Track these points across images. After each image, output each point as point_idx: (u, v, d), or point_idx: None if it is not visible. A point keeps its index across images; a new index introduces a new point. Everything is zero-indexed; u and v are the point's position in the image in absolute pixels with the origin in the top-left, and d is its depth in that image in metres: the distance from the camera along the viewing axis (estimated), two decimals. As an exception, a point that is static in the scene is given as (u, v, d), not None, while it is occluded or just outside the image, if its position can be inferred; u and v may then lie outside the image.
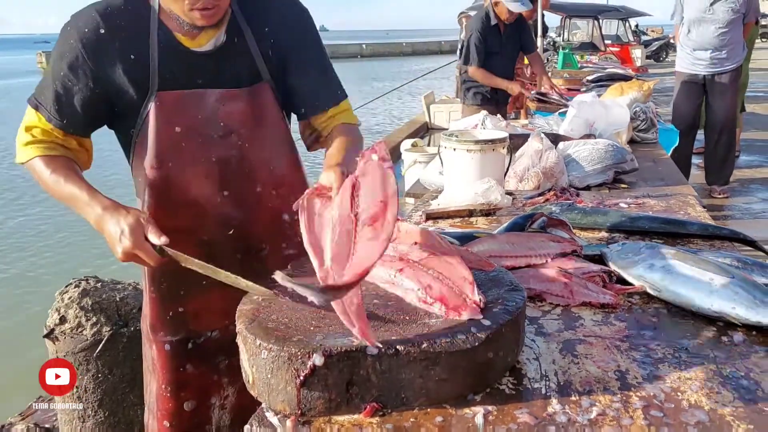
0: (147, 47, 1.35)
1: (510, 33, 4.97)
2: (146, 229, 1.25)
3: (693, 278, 1.31)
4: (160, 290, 1.46)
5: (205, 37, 1.39)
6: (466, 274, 1.11)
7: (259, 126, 1.46)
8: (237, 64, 1.42)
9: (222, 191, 1.44)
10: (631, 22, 18.18)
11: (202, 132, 1.40)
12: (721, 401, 0.99)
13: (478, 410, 0.98)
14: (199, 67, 1.39)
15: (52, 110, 1.36)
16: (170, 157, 1.39)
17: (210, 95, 1.40)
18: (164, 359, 1.49)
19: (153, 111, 1.36)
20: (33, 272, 5.87)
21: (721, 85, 5.22)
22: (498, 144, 2.26)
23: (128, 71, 1.35)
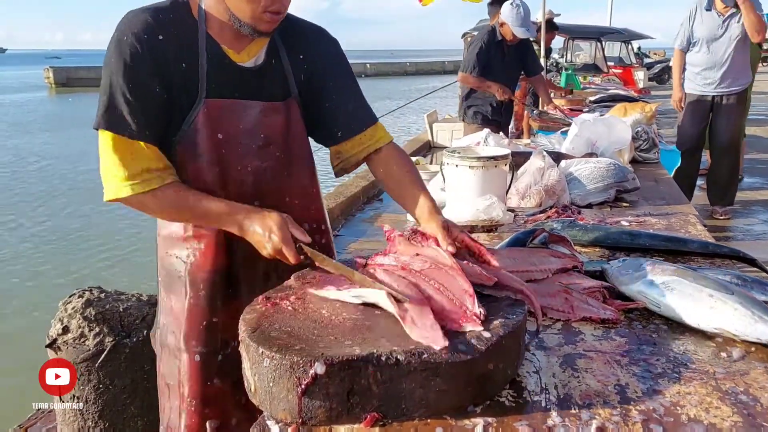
0: (197, 56, 1.39)
1: (513, 52, 5.02)
2: (290, 227, 1.34)
3: (693, 294, 1.32)
4: (199, 298, 1.48)
5: (247, 54, 1.46)
6: (467, 287, 1.13)
7: (291, 139, 1.53)
8: (273, 82, 1.49)
9: (253, 201, 1.48)
10: (633, 44, 18.32)
11: (242, 141, 1.46)
12: (720, 416, 1.00)
13: (478, 422, 0.99)
14: (242, 81, 1.45)
15: (133, 125, 1.33)
16: (212, 162, 1.43)
17: (254, 106, 1.46)
18: (195, 371, 1.49)
19: (200, 117, 1.40)
20: (37, 282, 5.88)
21: (727, 107, 5.26)
22: (500, 161, 2.28)
23: (180, 78, 1.38)
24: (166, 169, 1.38)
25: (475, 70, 4.87)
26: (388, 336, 1.05)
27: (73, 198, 9.03)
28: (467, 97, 5.21)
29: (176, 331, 1.51)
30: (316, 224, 1.61)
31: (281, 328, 1.08)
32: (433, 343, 1.00)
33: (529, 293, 1.18)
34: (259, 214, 1.35)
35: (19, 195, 9.41)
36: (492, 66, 4.90)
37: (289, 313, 1.15)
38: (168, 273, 1.52)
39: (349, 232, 6.34)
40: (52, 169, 11.04)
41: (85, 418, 2.07)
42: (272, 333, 1.07)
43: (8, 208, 8.59)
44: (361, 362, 0.97)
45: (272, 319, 1.12)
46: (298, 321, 1.11)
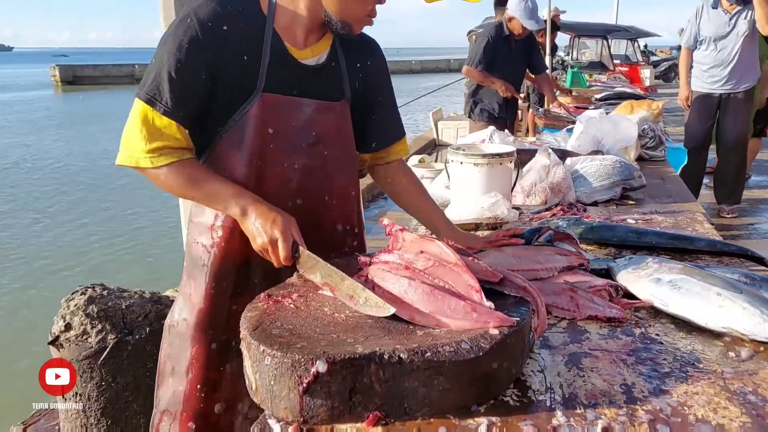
0: (260, 50, 1.41)
1: (519, 49, 4.99)
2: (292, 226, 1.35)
3: (701, 293, 1.30)
4: (221, 288, 1.49)
5: (312, 52, 1.48)
6: (473, 282, 1.11)
7: (341, 139, 1.55)
8: (330, 82, 1.52)
9: (295, 198, 1.49)
10: (640, 42, 18.24)
11: (292, 138, 1.47)
12: (728, 416, 0.98)
13: (482, 421, 0.97)
14: (301, 78, 1.47)
15: (170, 104, 1.35)
16: (259, 156, 1.44)
17: (308, 105, 1.48)
18: (206, 358, 1.50)
19: (255, 110, 1.41)
20: (40, 279, 5.90)
21: (735, 105, 5.23)
22: (505, 158, 2.27)
23: (239, 69, 1.39)
24: (187, 149, 1.42)
25: (480, 65, 4.84)
26: (391, 334, 1.03)
27: (77, 196, 9.06)
28: (474, 94, 5.19)
29: (189, 318, 1.51)
30: (350, 226, 1.63)
31: (283, 326, 1.07)
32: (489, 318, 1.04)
33: (532, 290, 1.16)
34: (266, 205, 1.37)
35: (24, 192, 9.44)
36: (498, 61, 4.87)
37: (291, 311, 1.14)
38: (192, 260, 1.53)
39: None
40: (58, 167, 11.08)
41: (87, 416, 2.06)
42: (274, 331, 1.05)
43: (13, 204, 8.63)
44: (363, 361, 0.95)
45: (274, 316, 1.11)
46: (300, 319, 1.10)
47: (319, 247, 1.50)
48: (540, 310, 1.16)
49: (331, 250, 1.55)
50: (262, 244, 1.35)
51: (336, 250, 1.57)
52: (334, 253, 1.55)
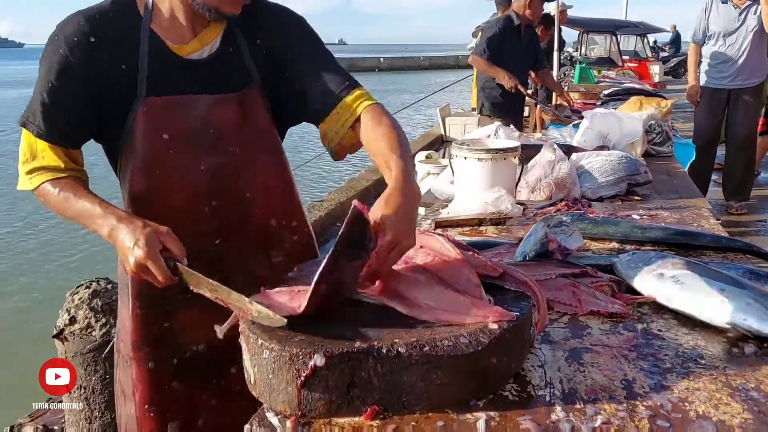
0: (137, 55, 1.33)
1: (527, 42, 4.99)
2: (166, 241, 1.21)
3: (704, 288, 1.29)
4: (145, 306, 1.41)
5: (197, 44, 1.39)
6: (472, 277, 1.11)
7: (249, 132, 1.43)
8: (228, 72, 1.41)
9: (210, 201, 1.41)
10: (649, 38, 18.13)
11: (191, 140, 1.38)
12: (729, 412, 0.97)
13: (481, 416, 0.97)
14: (189, 75, 1.38)
15: (43, 126, 1.33)
16: (157, 165, 1.37)
17: (200, 101, 1.38)
18: (146, 379, 1.44)
19: (141, 117, 1.34)
20: (45, 272, 5.93)
21: (744, 101, 5.19)
22: (509, 153, 2.26)
23: (118, 79, 1.33)
24: (66, 169, 1.37)
25: (485, 54, 4.82)
26: (390, 328, 1.03)
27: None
28: (484, 89, 5.16)
29: (126, 340, 1.46)
30: (286, 221, 1.52)
31: (281, 320, 1.07)
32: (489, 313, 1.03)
33: (532, 285, 1.15)
34: (128, 224, 1.22)
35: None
36: (506, 53, 4.84)
37: (290, 305, 1.13)
38: (120, 278, 1.49)
39: (360, 226, 6.31)
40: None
41: (92, 408, 2.07)
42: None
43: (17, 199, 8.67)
44: (361, 354, 0.95)
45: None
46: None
47: (254, 247, 1.46)
48: (541, 305, 1.15)
49: (270, 247, 1.49)
50: (131, 270, 1.22)
51: (276, 247, 1.49)
52: (274, 251, 1.49)
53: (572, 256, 1.59)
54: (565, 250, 1.56)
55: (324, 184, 9.52)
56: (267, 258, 1.49)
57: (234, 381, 1.37)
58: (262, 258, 1.49)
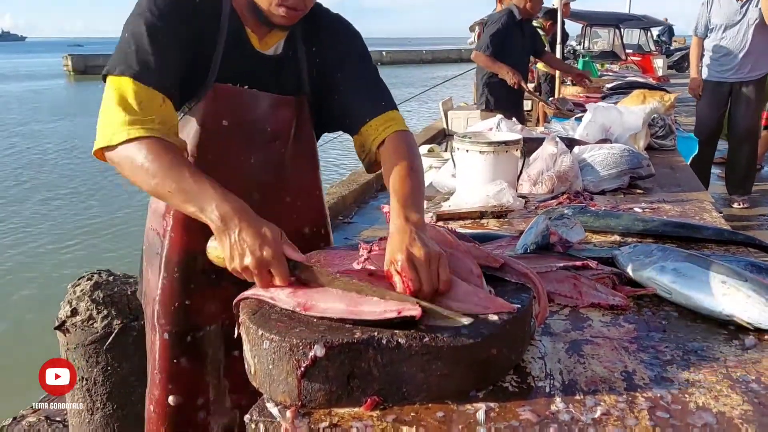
0: (216, 35, 1.33)
1: (528, 35, 5.00)
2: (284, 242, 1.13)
3: (705, 281, 1.29)
4: (173, 280, 1.45)
5: (270, 41, 1.41)
6: (474, 268, 1.11)
7: (298, 136, 1.48)
8: (287, 75, 1.44)
9: (251, 194, 1.40)
10: (653, 31, 18.05)
11: (248, 132, 1.41)
12: (729, 404, 0.97)
13: (480, 406, 0.97)
14: (259, 69, 1.40)
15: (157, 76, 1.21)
16: (211, 150, 1.38)
17: (264, 98, 1.41)
18: (163, 348, 1.48)
19: (206, 100, 1.35)
20: (46, 264, 5.95)
21: (746, 94, 5.18)
22: (511, 146, 2.25)
23: (195, 56, 1.31)
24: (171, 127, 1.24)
25: (488, 50, 4.81)
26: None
27: (83, 183, 9.10)
28: (488, 85, 5.15)
29: (150, 305, 1.49)
30: (317, 228, 1.57)
31: (282, 311, 1.07)
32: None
33: (533, 277, 1.15)
34: (254, 219, 1.13)
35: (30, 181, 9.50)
36: (509, 48, 4.84)
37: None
38: (150, 245, 1.50)
39: (362, 219, 6.33)
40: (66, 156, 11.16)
41: (94, 400, 2.08)
42: (273, 315, 1.05)
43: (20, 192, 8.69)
44: (361, 345, 0.95)
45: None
46: (299, 303, 1.10)
47: None
48: (541, 296, 1.15)
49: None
50: (247, 266, 1.10)
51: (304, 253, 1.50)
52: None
53: (573, 249, 1.59)
54: (566, 243, 1.56)
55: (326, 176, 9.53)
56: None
57: (236, 364, 1.39)
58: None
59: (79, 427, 2.14)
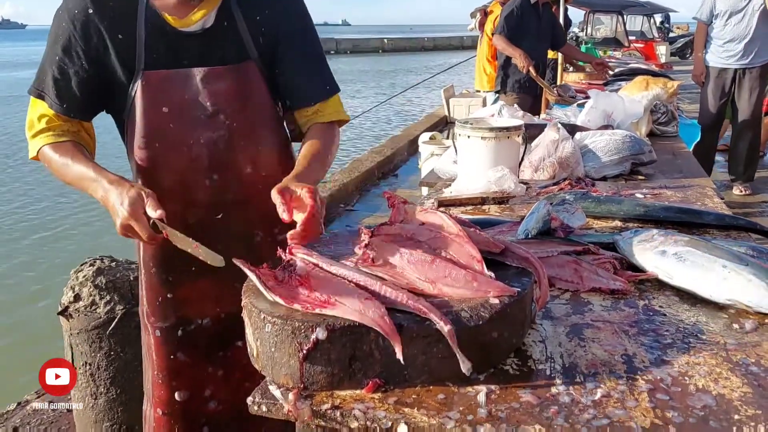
0: (134, 27, 1.35)
1: (546, 20, 4.97)
2: (146, 203, 1.24)
3: (706, 265, 1.29)
4: (150, 275, 1.47)
5: (192, 18, 1.39)
6: (474, 253, 1.11)
7: (247, 105, 1.44)
8: (224, 45, 1.42)
9: (211, 174, 1.42)
10: (656, 18, 17.93)
11: (189, 113, 1.39)
12: (729, 387, 0.98)
13: (481, 389, 0.98)
14: (186, 48, 1.39)
15: (53, 96, 1.36)
16: (157, 138, 1.39)
17: (196, 74, 1.39)
18: (157, 345, 1.49)
19: (140, 91, 1.36)
20: (49, 250, 5.96)
21: (750, 81, 5.17)
22: (513, 132, 2.25)
23: (117, 51, 1.35)
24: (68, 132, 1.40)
25: (503, 32, 4.79)
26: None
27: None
28: (503, 67, 5.11)
29: (141, 306, 1.52)
30: None
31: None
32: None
33: (534, 261, 1.15)
34: (117, 187, 1.27)
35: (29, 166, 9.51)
36: (525, 31, 4.82)
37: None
38: (136, 246, 1.52)
39: (363, 207, 6.33)
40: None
41: (97, 385, 2.10)
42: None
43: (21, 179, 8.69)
44: (363, 328, 0.96)
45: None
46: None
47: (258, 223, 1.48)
48: (542, 281, 1.15)
49: (273, 224, 1.47)
50: (121, 232, 1.26)
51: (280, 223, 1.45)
52: (277, 228, 1.49)
53: (574, 234, 1.59)
54: (567, 228, 1.56)
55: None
56: (271, 235, 1.50)
57: (241, 354, 1.39)
58: (265, 235, 1.49)
59: (83, 412, 2.16)
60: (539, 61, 4.99)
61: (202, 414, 1.54)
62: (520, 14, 4.79)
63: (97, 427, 2.15)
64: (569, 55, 5.93)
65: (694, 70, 5.50)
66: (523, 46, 4.78)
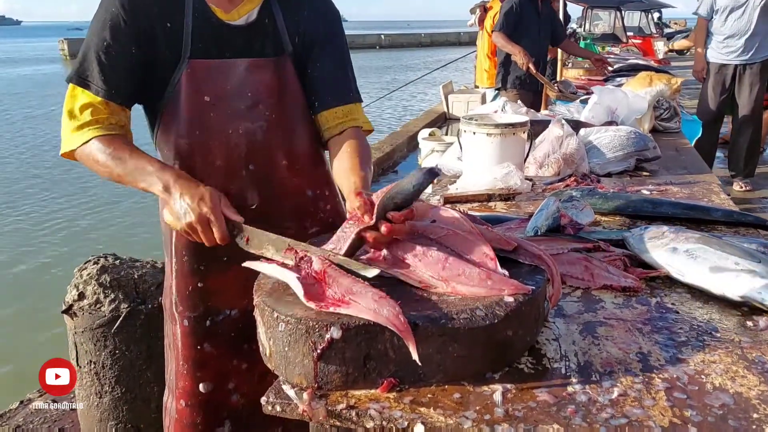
0: (182, 15, 1.36)
1: (545, 16, 4.95)
2: (226, 203, 1.25)
3: (718, 262, 1.28)
4: (182, 263, 1.47)
5: (237, 13, 1.42)
6: (487, 250, 1.10)
7: (284, 97, 1.47)
8: (264, 40, 1.44)
9: (247, 165, 1.44)
10: (654, 14, 17.90)
11: (230, 103, 1.41)
12: (746, 385, 0.97)
13: (497, 388, 0.97)
14: (230, 40, 1.41)
15: (99, 82, 1.33)
16: (198, 126, 1.40)
17: (239, 65, 1.41)
18: (184, 335, 1.49)
19: (184, 79, 1.37)
20: (53, 249, 5.94)
21: (750, 77, 5.17)
22: (518, 128, 2.24)
23: (164, 38, 1.36)
24: (117, 125, 1.37)
25: (503, 28, 4.77)
26: (406, 301, 1.02)
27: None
28: (503, 64, 5.10)
29: (169, 295, 1.51)
30: (320, 190, 1.55)
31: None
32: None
33: (547, 259, 1.15)
34: (191, 180, 1.28)
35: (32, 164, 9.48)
36: (525, 28, 4.79)
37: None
38: (164, 235, 1.51)
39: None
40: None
41: (102, 383, 2.08)
42: (287, 297, 1.05)
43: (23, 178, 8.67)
44: (377, 327, 0.95)
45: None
46: (314, 285, 1.09)
47: (290, 215, 1.50)
48: (555, 278, 1.15)
49: (304, 217, 1.52)
50: (189, 224, 1.24)
51: (311, 217, 1.53)
52: (309, 221, 1.53)
53: (583, 231, 1.58)
54: (576, 225, 1.55)
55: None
56: (303, 228, 1.52)
57: None
58: (297, 227, 1.51)
59: (88, 411, 2.15)
60: (539, 57, 4.97)
61: (225, 407, 1.54)
62: (520, 10, 4.77)
63: (101, 426, 2.14)
64: (568, 52, 5.91)
65: (695, 65, 5.49)
66: (522, 43, 4.76)
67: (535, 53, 4.84)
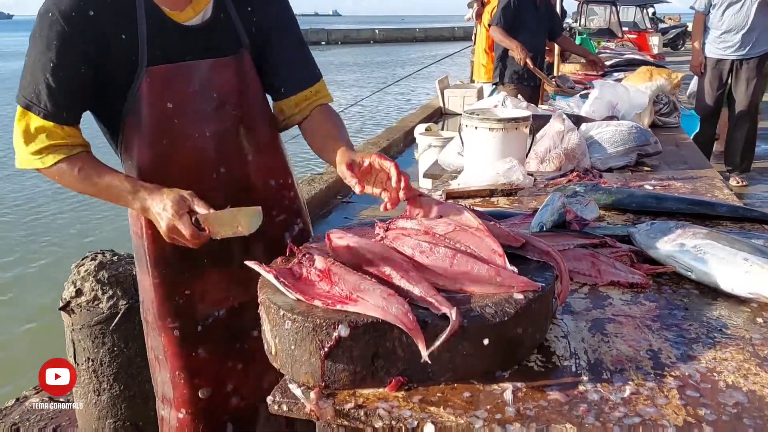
0: (135, 24, 1.30)
1: (543, 11, 4.92)
2: (193, 202, 1.24)
3: (727, 258, 1.27)
4: (165, 275, 1.43)
5: (191, 12, 1.37)
6: (495, 247, 1.08)
7: (247, 93, 1.45)
8: (222, 37, 1.41)
9: (219, 167, 1.42)
10: (648, 9, 17.91)
11: (195, 106, 1.37)
12: (759, 382, 0.96)
13: (507, 386, 0.96)
14: (188, 41, 1.36)
15: (49, 107, 1.27)
16: (164, 134, 1.36)
17: (201, 66, 1.37)
18: (175, 346, 1.47)
19: (144, 88, 1.32)
20: (50, 245, 5.90)
21: (747, 72, 5.17)
22: (521, 123, 2.22)
23: (118, 50, 1.29)
24: (77, 144, 1.33)
25: (501, 23, 4.75)
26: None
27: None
28: (502, 58, 5.07)
29: (151, 308, 1.48)
30: (282, 179, 1.56)
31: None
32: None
33: (555, 255, 1.13)
34: (157, 194, 1.27)
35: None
36: (522, 22, 4.76)
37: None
38: (136, 250, 1.49)
39: (361, 199, 6.29)
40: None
41: (100, 381, 2.06)
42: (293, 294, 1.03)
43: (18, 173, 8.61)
44: (386, 325, 0.93)
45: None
46: (320, 282, 1.07)
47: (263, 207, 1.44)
48: (563, 275, 1.13)
49: (272, 206, 1.51)
50: (164, 234, 1.26)
51: (277, 205, 1.54)
52: (276, 209, 1.54)
53: (589, 227, 1.56)
54: (582, 221, 1.54)
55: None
56: (270, 216, 1.50)
57: (257, 345, 1.38)
58: (266, 218, 1.48)
59: (87, 408, 2.12)
60: (537, 52, 4.95)
61: (225, 410, 1.53)
62: (518, 5, 4.74)
63: (100, 424, 2.11)
64: (564, 48, 5.89)
65: (692, 60, 5.49)
66: (520, 38, 4.73)
67: (533, 48, 4.81)
